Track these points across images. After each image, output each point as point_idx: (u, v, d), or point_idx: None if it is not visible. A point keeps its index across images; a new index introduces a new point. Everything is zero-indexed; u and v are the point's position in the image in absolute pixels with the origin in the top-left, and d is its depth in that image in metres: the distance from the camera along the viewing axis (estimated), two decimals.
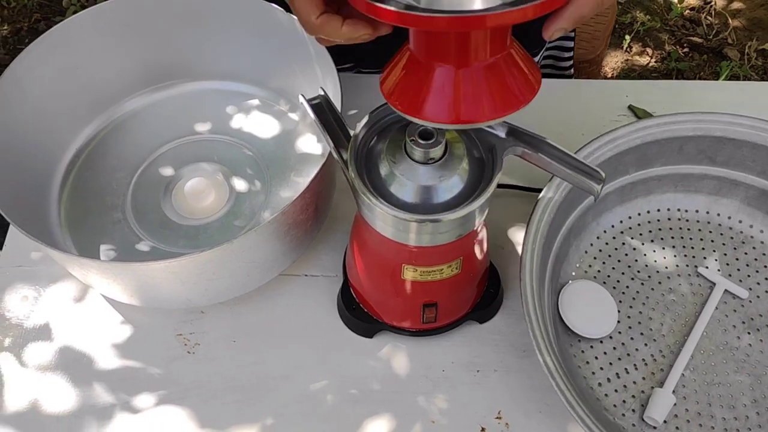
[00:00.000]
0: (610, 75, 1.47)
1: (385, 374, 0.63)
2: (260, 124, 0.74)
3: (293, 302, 0.67)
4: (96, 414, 0.61)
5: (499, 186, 0.72)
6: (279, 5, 0.69)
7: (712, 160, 0.70)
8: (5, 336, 0.65)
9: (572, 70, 0.94)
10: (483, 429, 0.60)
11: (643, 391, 0.61)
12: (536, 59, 0.86)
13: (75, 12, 1.67)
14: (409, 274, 0.56)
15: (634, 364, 0.63)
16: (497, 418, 0.61)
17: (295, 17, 0.67)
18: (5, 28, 1.66)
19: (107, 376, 0.63)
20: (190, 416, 0.61)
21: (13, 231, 0.70)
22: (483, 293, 0.65)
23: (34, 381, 0.62)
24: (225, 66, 0.76)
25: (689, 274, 0.68)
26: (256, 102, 0.76)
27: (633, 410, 0.60)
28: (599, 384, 0.62)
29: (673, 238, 0.71)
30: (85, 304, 0.67)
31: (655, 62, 1.52)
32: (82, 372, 0.63)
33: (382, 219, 0.51)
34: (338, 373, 0.63)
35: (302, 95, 0.53)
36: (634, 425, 0.60)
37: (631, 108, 0.80)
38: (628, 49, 1.52)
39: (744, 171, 0.70)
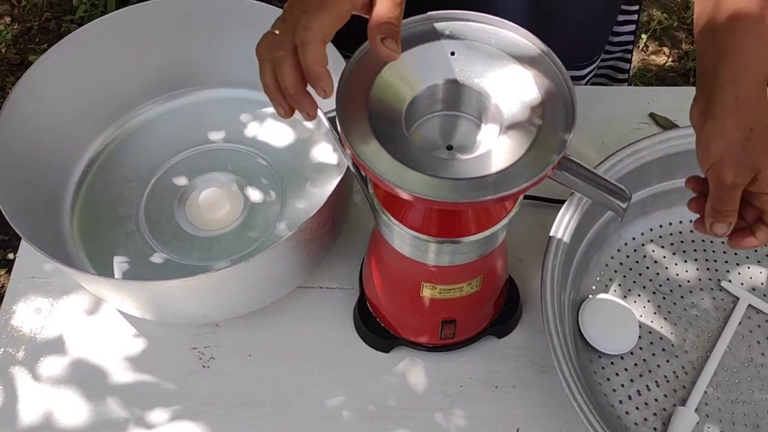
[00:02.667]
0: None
1: (402, 390, 0.62)
2: (275, 133, 0.73)
3: (308, 315, 0.66)
4: (110, 429, 0.60)
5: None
6: None
7: None
8: (18, 349, 0.64)
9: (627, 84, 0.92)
10: None
11: (664, 409, 0.60)
12: (589, 69, 0.83)
13: (85, 11, 1.66)
14: (428, 291, 0.55)
15: (656, 381, 0.62)
16: None
17: None
18: (15, 27, 1.65)
19: (121, 390, 0.62)
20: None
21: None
22: (502, 308, 0.64)
23: (48, 395, 0.62)
24: (238, 73, 0.74)
25: (712, 288, 0.67)
26: (270, 110, 0.75)
27: (654, 429, 0.59)
28: (620, 401, 0.61)
29: (695, 251, 0.69)
30: (99, 317, 0.66)
31: (672, 62, 1.50)
32: (96, 386, 0.62)
33: (400, 238, 0.50)
34: (354, 388, 0.62)
35: (320, 109, 0.52)
36: None
37: (652, 116, 0.78)
38: (645, 49, 1.50)
39: None
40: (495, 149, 0.42)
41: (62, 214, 0.68)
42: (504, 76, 0.44)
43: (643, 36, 1.53)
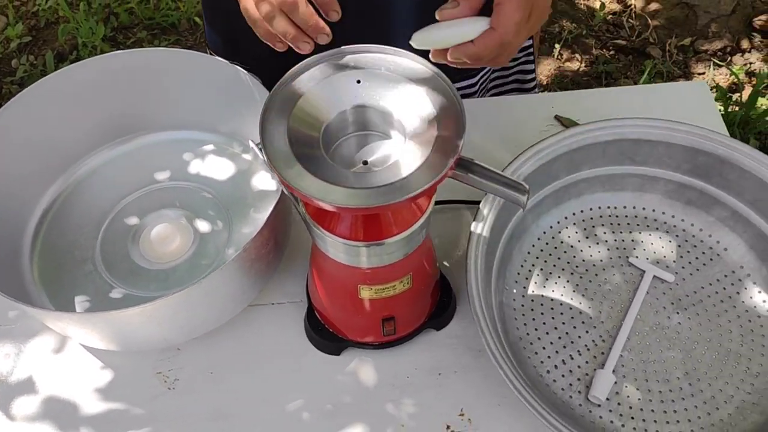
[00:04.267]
0: (544, 83, 1.56)
1: (355, 387, 0.68)
2: (217, 168, 0.79)
3: (263, 330, 0.72)
4: None
5: (443, 202, 0.78)
6: (221, 57, 0.74)
7: (633, 160, 0.77)
8: None
9: (536, 90, 1.01)
10: (448, 426, 0.66)
11: (587, 374, 0.68)
12: (480, 76, 0.92)
13: (25, 71, 1.69)
14: (365, 293, 0.61)
15: (578, 350, 0.69)
16: (460, 415, 0.66)
17: (239, 68, 0.72)
18: None
19: (93, 420, 0.67)
20: None
21: None
22: (437, 302, 0.71)
23: None
24: (178, 117, 0.80)
25: (622, 265, 0.75)
26: (210, 147, 0.81)
27: (579, 391, 0.67)
28: (548, 371, 0.68)
29: (605, 233, 0.78)
30: (65, 355, 0.70)
31: (585, 67, 1.62)
32: (69, 419, 0.67)
33: (333, 247, 0.57)
34: (312, 391, 0.68)
35: (251, 141, 0.58)
36: (580, 405, 0.66)
37: (557, 118, 0.87)
38: (559, 57, 1.61)
39: (662, 168, 0.77)
40: (401, 159, 0.50)
41: (22, 263, 0.72)
42: (403, 96, 0.52)
43: (557, 46, 1.64)
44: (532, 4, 0.53)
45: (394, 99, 0.52)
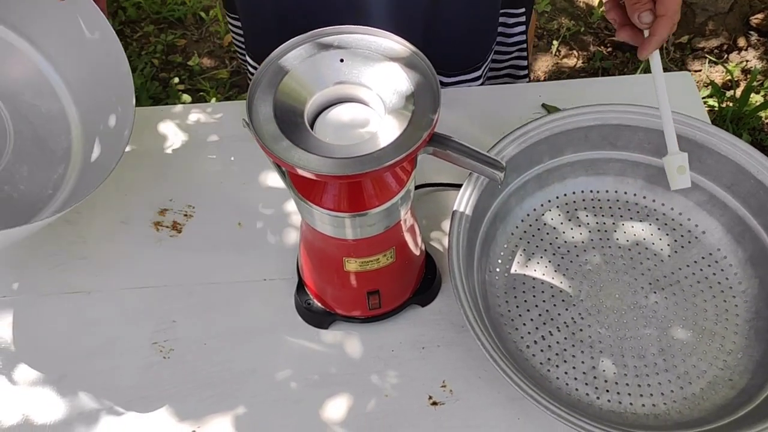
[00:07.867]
0: (541, 78, 1.59)
1: (341, 359, 0.71)
2: None
3: (256, 304, 0.75)
4: (83, 420, 0.68)
5: (429, 185, 0.81)
6: None
7: (614, 145, 0.80)
8: None
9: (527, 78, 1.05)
10: (430, 397, 0.68)
11: (565, 349, 0.70)
12: (481, 72, 0.95)
13: None
14: (350, 266, 0.64)
15: (557, 327, 0.72)
16: (442, 386, 0.69)
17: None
18: None
19: (92, 386, 0.70)
20: (170, 413, 0.68)
21: None
22: (422, 280, 0.73)
23: (26, 397, 0.69)
24: None
25: (602, 246, 0.78)
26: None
27: (557, 365, 0.69)
28: (527, 346, 0.70)
29: (587, 216, 0.80)
30: (66, 327, 0.73)
31: (582, 63, 1.64)
32: (69, 384, 0.70)
33: (320, 219, 0.60)
34: (300, 362, 0.71)
35: (244, 119, 0.61)
36: (558, 378, 0.68)
37: (544, 106, 0.90)
38: (557, 53, 1.64)
39: (642, 153, 0.80)
40: (379, 132, 0.52)
41: None
42: (383, 74, 0.54)
43: (555, 42, 1.67)
44: None
45: (374, 76, 0.55)
